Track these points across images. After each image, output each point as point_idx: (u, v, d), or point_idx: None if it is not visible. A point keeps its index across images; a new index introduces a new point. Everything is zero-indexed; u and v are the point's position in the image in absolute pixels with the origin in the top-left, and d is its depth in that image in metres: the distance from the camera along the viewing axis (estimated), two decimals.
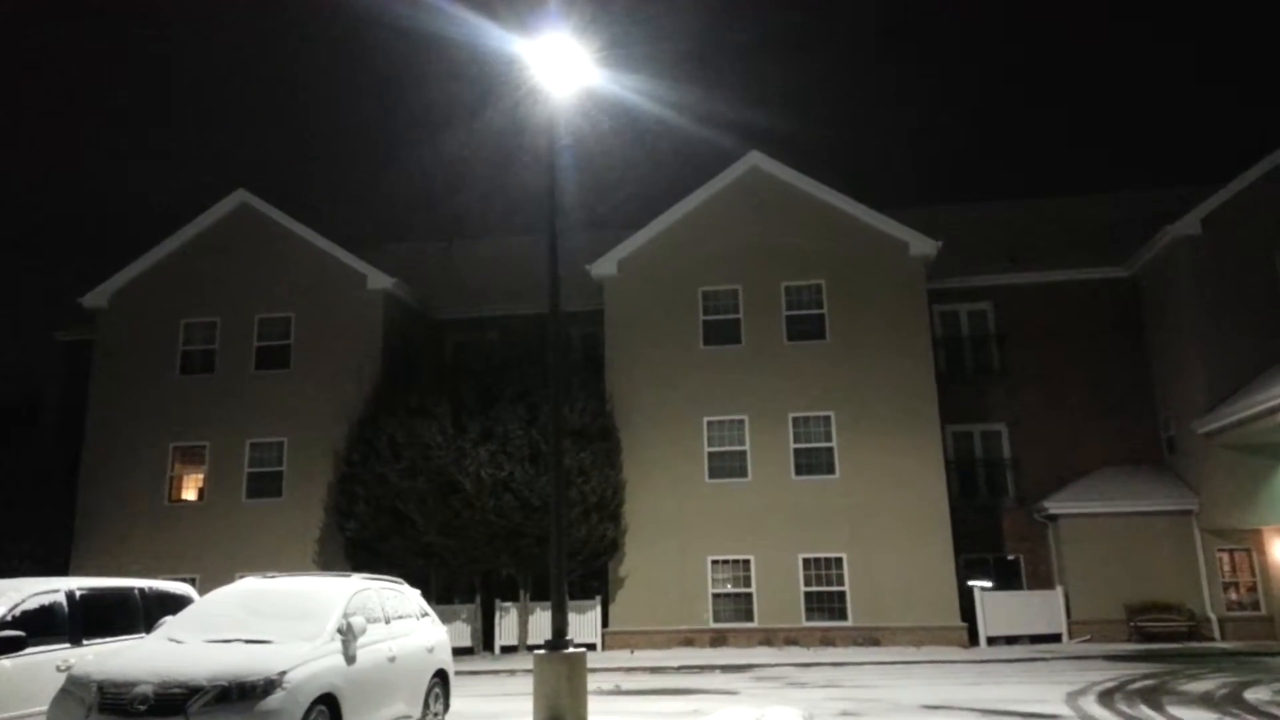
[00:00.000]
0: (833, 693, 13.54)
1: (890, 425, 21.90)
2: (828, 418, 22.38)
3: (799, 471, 22.22)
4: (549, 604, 20.32)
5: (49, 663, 8.42)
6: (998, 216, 28.21)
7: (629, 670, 17.24)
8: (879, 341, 22.43)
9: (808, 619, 21.37)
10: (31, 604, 8.70)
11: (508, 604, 22.23)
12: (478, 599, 22.36)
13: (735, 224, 23.63)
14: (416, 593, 10.50)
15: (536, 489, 21.01)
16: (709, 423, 22.79)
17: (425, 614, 10.26)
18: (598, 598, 22.01)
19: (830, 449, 22.25)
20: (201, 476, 24.16)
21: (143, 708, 6.97)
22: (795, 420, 22.49)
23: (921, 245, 22.88)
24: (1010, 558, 23.56)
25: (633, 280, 23.81)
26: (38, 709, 7.61)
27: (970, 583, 21.67)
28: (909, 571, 21.05)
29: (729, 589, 21.93)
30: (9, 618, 8.36)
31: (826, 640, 20.84)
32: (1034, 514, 23.27)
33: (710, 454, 22.66)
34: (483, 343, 25.09)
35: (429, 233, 34.20)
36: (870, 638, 20.73)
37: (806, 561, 21.70)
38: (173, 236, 25.49)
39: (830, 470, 22.14)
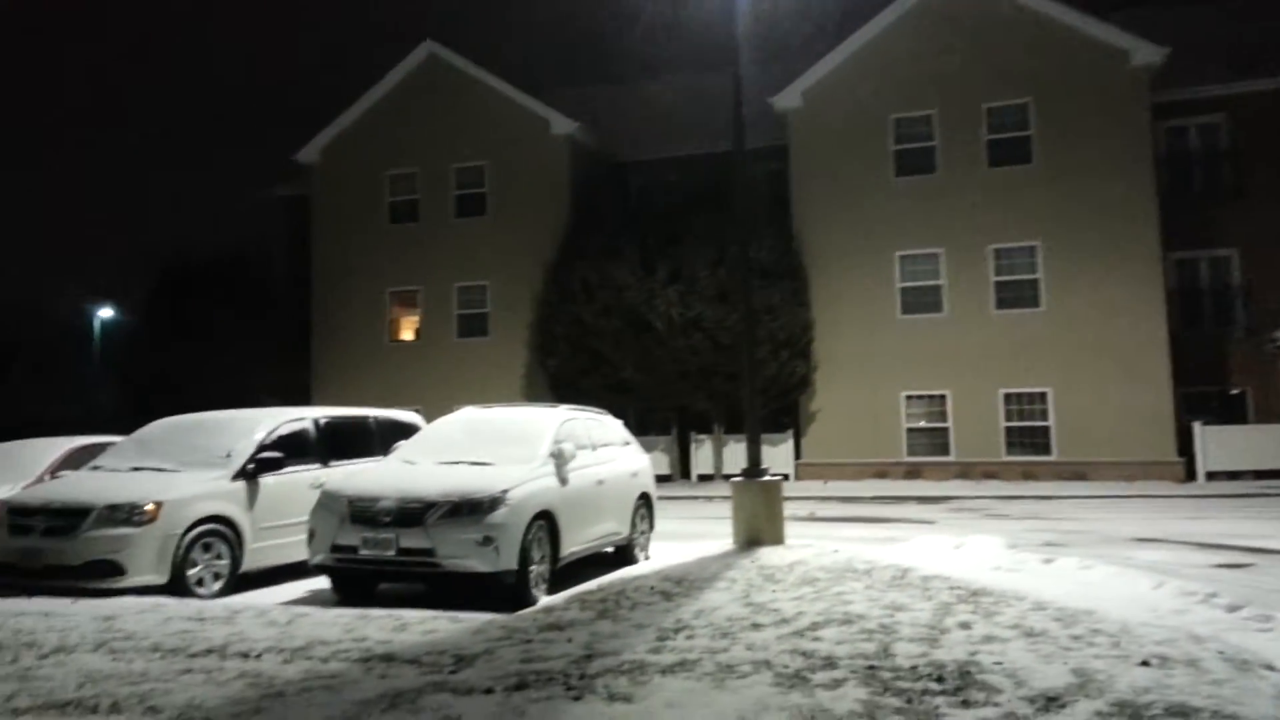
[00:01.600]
0: (1035, 524, 13.35)
1: (1104, 253, 20.43)
2: (1033, 248, 21.12)
3: (1000, 305, 21.30)
4: (743, 437, 21.06)
5: (303, 480, 9.50)
6: (1226, 11, 24.64)
7: (822, 499, 17.63)
8: (1093, 163, 20.66)
9: (1008, 453, 20.95)
10: (285, 430, 9.78)
11: (702, 436, 23.02)
12: (674, 431, 23.25)
13: (928, 44, 21.96)
14: (619, 423, 11.02)
15: (726, 327, 21.24)
16: (901, 257, 22.06)
17: (628, 442, 10.78)
18: (789, 431, 22.36)
19: (1035, 280, 21.11)
20: (416, 318, 25.99)
21: (386, 519, 7.79)
22: (997, 252, 21.37)
23: (1145, 53, 20.52)
24: (1235, 391, 21.90)
25: (818, 111, 22.81)
26: (299, 518, 8.66)
27: (1190, 419, 20.40)
28: (1120, 405, 20.05)
29: (923, 424, 21.70)
30: (268, 441, 9.45)
31: (1028, 475, 20.40)
32: (1265, 345, 21.35)
33: (903, 289, 22.03)
34: (666, 184, 25.00)
35: (609, 75, 33.87)
36: (1076, 473, 20.11)
37: (1008, 396, 21.07)
38: (370, 91, 26.54)
39: (1034, 303, 21.08)
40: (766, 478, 10.26)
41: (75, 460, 10.16)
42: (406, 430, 10.90)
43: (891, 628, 5.87)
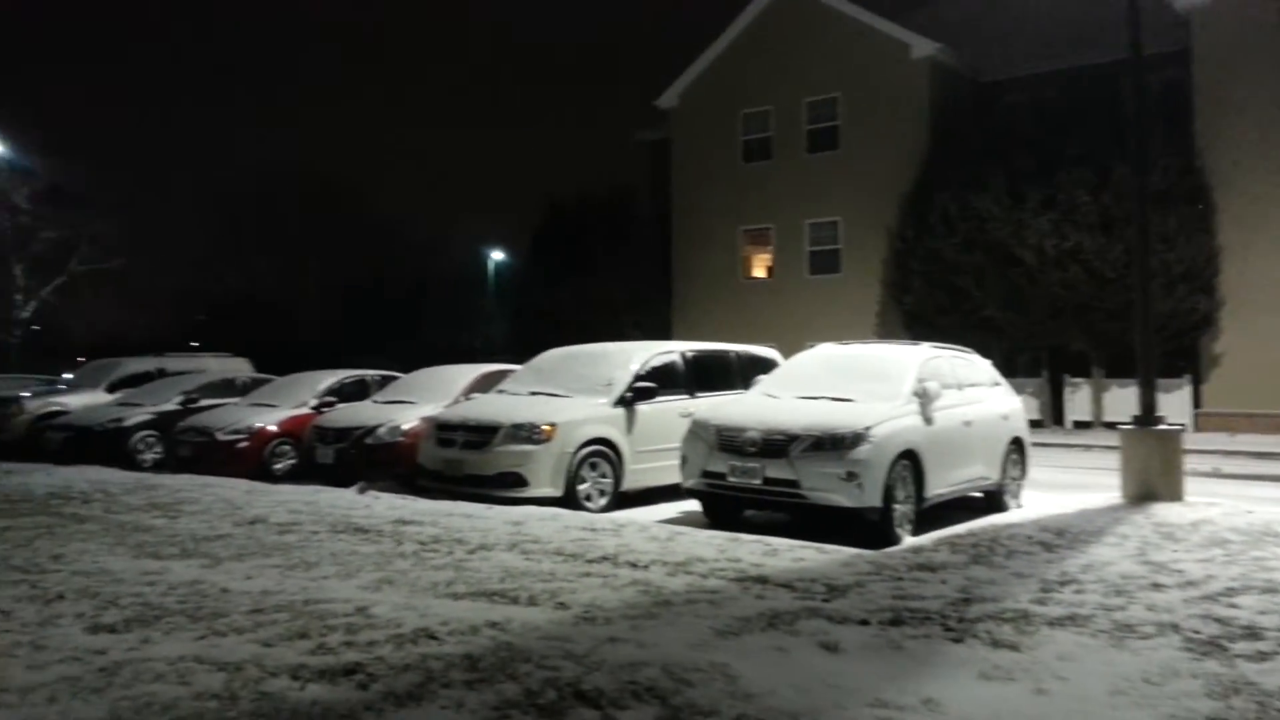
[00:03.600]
0: None
1: None
2: None
3: None
4: (1126, 381, 19.18)
5: (672, 409, 10.10)
6: None
7: (1228, 454, 15.54)
8: None
9: None
10: (657, 362, 10.45)
11: (1078, 380, 21.19)
12: (1044, 374, 21.64)
13: None
14: (987, 363, 10.46)
15: (1108, 260, 19.23)
16: None
17: (997, 383, 10.21)
18: (1186, 376, 19.90)
19: None
20: (768, 256, 26.35)
21: (752, 449, 8.06)
22: None
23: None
24: None
25: (1232, 6, 19.54)
26: (670, 444, 9.24)
27: None
28: None
29: None
30: (643, 372, 10.15)
31: None
32: None
33: None
34: (1039, 102, 22.80)
35: None
36: None
37: None
38: (724, 32, 26.91)
39: None
40: (1162, 426, 9.24)
41: (484, 384, 11.59)
42: (765, 365, 11.17)
43: None
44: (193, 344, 38.74)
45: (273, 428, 12.33)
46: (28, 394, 16.01)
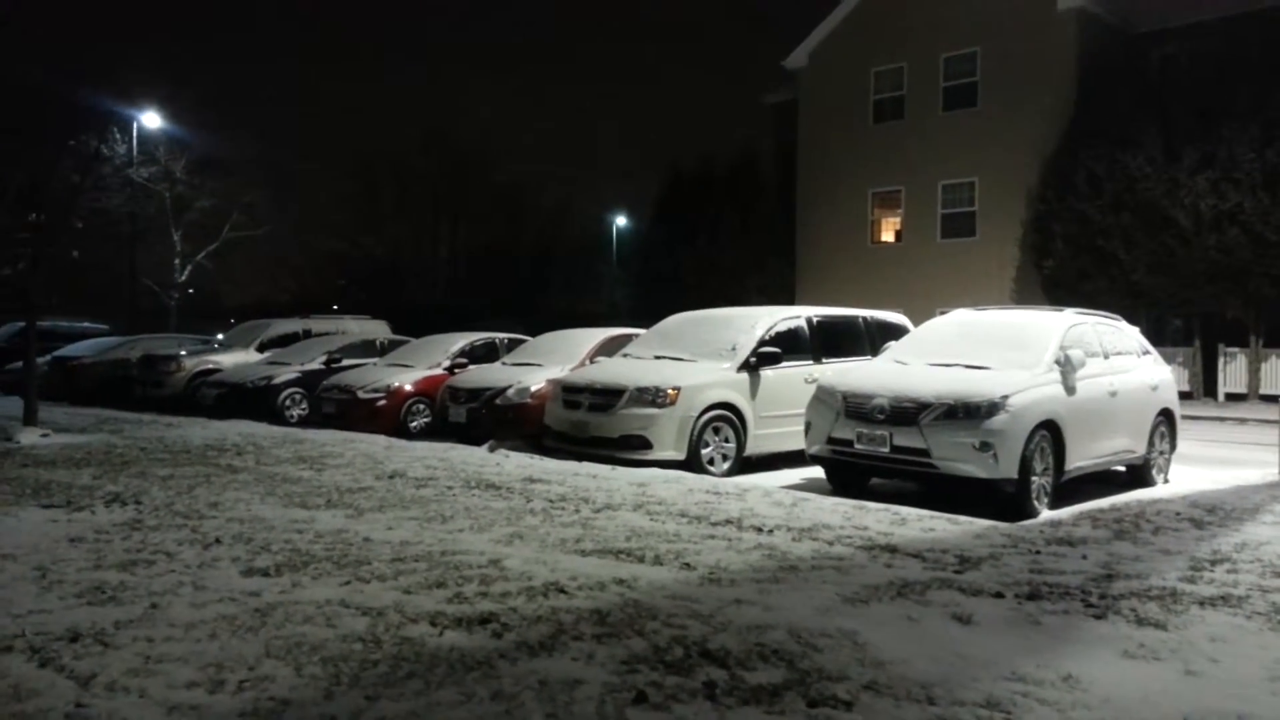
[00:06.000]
0: None
1: None
2: None
3: None
4: None
5: (798, 375, 9.98)
6: None
7: None
8: None
9: None
10: (781, 327, 10.32)
11: (1233, 349, 19.87)
12: (1196, 342, 20.37)
13: None
14: (1136, 330, 9.90)
15: (1272, 221, 17.89)
16: None
17: (1146, 352, 9.66)
18: None
19: None
20: (898, 219, 25.58)
21: (880, 417, 7.88)
22: None
23: None
24: None
25: None
26: (794, 410, 9.14)
27: None
28: None
29: None
30: (767, 337, 10.05)
31: None
32: None
33: None
34: (1198, 53, 21.18)
35: None
36: None
37: None
38: None
39: None
40: None
41: (608, 348, 11.73)
42: (895, 331, 10.89)
43: None
44: (334, 307, 40.60)
45: (409, 387, 12.82)
46: (184, 353, 17.09)
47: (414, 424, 12.68)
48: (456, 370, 13.00)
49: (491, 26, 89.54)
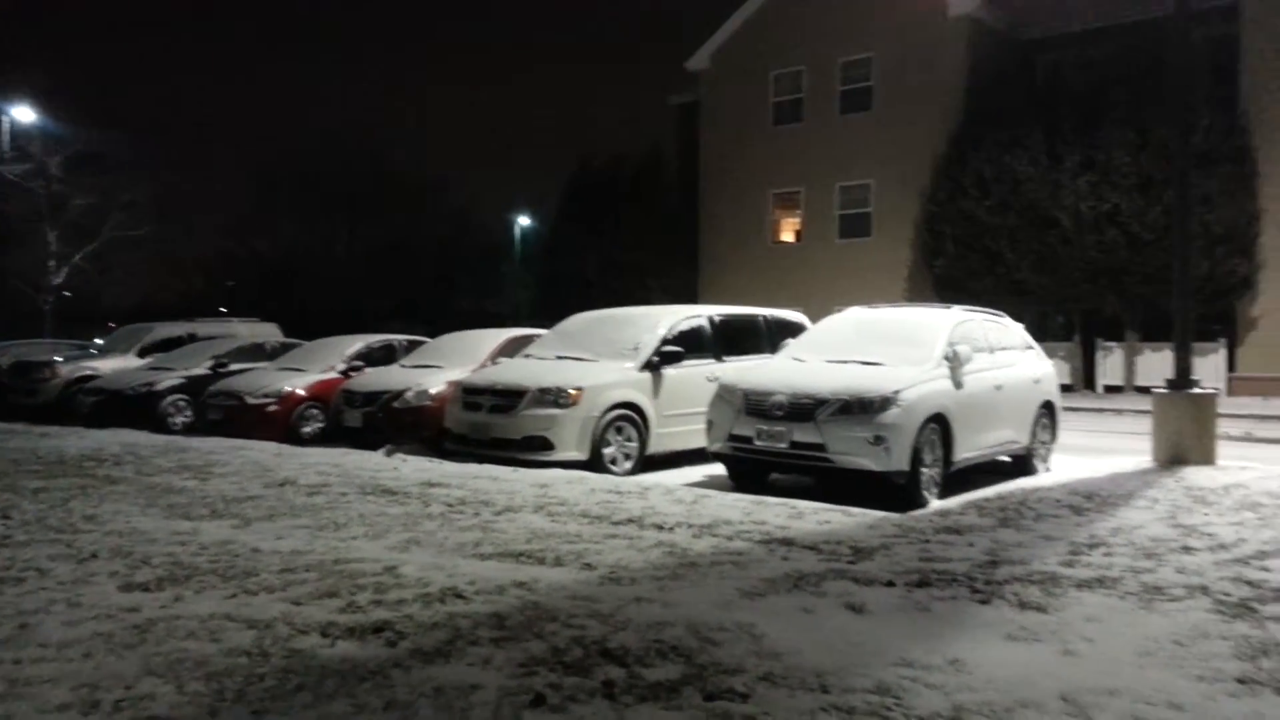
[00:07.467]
0: None
1: None
2: None
3: None
4: (1159, 344, 18.91)
5: (699, 374, 10.07)
6: None
7: (1262, 418, 15.30)
8: None
9: None
10: (684, 326, 10.41)
11: (1110, 344, 20.92)
12: (1076, 337, 21.37)
13: None
14: (1020, 326, 10.32)
15: (1146, 222, 18.89)
16: None
17: (1029, 347, 10.08)
18: (1221, 340, 19.57)
19: None
20: (798, 219, 26.10)
21: (779, 413, 8.02)
22: None
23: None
24: None
25: None
26: (696, 409, 9.22)
27: None
28: None
29: None
30: (670, 336, 10.11)
31: None
32: None
33: None
34: (1081, 61, 22.27)
35: None
36: None
37: None
38: None
39: None
40: (1196, 390, 9.09)
41: (510, 349, 11.62)
42: (794, 329, 11.09)
43: None
44: (222, 309, 39.17)
45: (301, 391, 12.46)
46: (60, 359, 16.26)
47: (307, 430, 12.32)
48: (352, 374, 12.69)
49: (397, 24, 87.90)
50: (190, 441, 11.35)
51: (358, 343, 13.72)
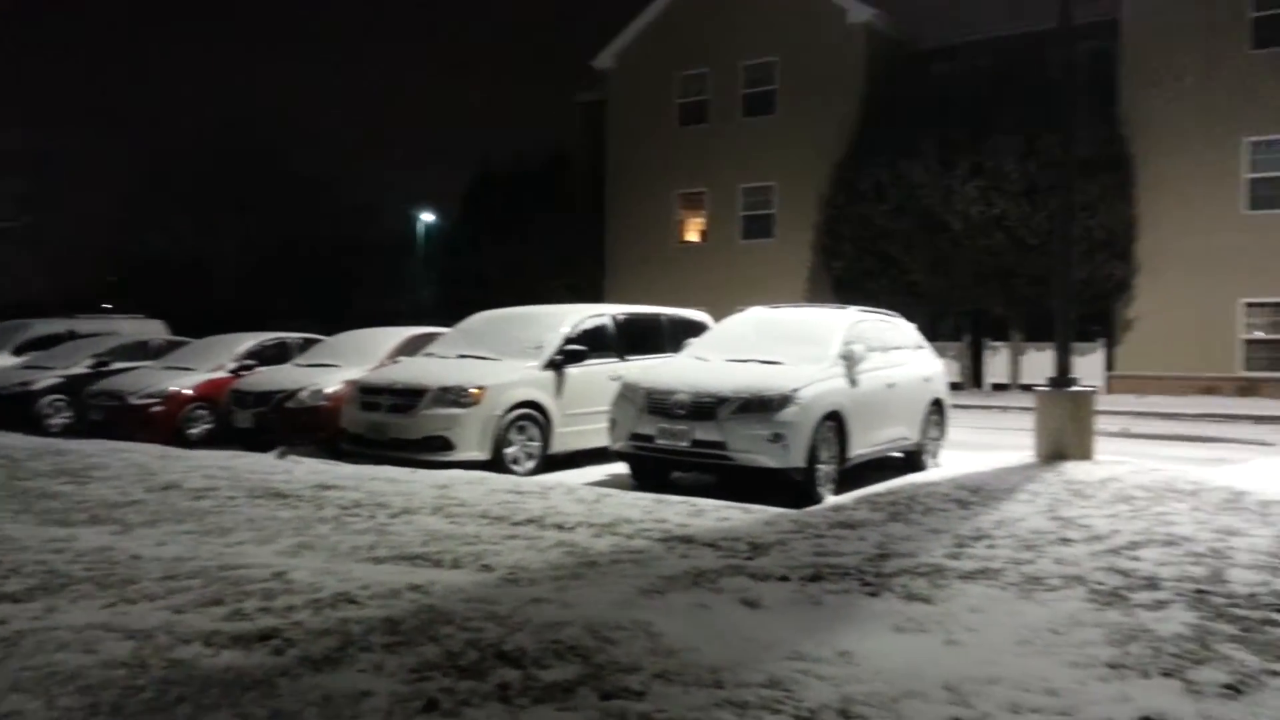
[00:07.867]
0: None
1: None
2: None
3: None
4: (1043, 344, 19.78)
5: (602, 373, 10.08)
6: None
7: (1138, 415, 16.16)
8: None
9: None
10: (588, 325, 10.40)
11: (997, 343, 21.78)
12: (966, 337, 22.16)
13: None
14: (912, 326, 10.64)
15: (1031, 226, 19.71)
16: (1251, 144, 19.21)
17: (920, 346, 10.41)
18: (1099, 340, 20.59)
19: None
20: (703, 220, 26.36)
21: (681, 412, 8.10)
22: None
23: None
24: None
25: None
26: (599, 408, 9.23)
27: None
28: None
29: (1262, 335, 19.15)
30: (573, 335, 10.09)
31: None
32: None
33: (1251, 180, 19.25)
34: (972, 70, 23.11)
35: None
36: None
37: None
38: None
39: None
40: (1076, 388, 9.53)
41: (410, 347, 11.41)
42: (696, 329, 11.19)
43: (1224, 553, 5.34)
44: (105, 306, 37.37)
45: (188, 391, 11.99)
46: None
47: (194, 431, 11.86)
48: (243, 373, 12.26)
49: (297, 16, 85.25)
50: (69, 444, 10.80)
51: (249, 341, 13.28)
